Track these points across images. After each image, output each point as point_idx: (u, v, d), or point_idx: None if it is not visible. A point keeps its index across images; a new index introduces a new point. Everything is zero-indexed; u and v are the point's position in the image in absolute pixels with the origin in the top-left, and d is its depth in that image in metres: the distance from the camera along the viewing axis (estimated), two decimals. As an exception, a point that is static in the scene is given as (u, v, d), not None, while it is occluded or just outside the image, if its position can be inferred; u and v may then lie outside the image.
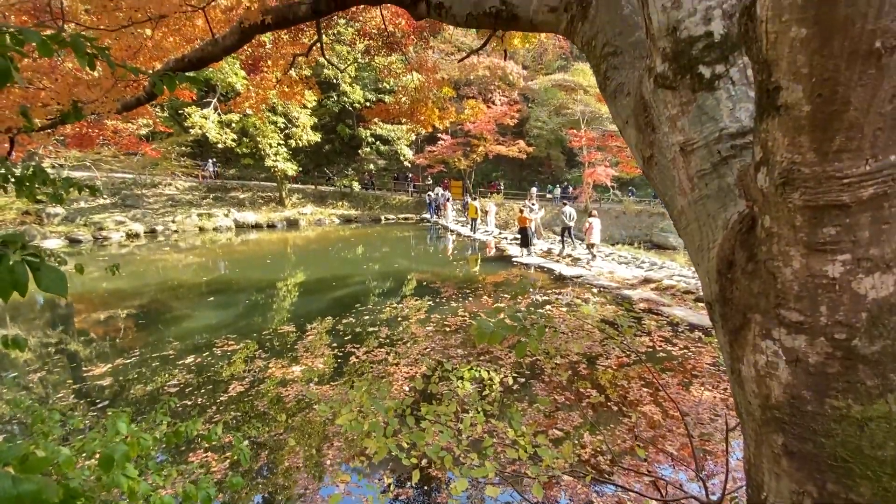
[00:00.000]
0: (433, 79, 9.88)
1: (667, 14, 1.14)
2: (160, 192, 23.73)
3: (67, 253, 16.75)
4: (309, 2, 2.70)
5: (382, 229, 23.71)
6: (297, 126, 22.77)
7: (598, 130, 24.89)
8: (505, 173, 32.75)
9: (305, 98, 10.96)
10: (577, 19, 1.72)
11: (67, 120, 3.05)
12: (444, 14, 2.31)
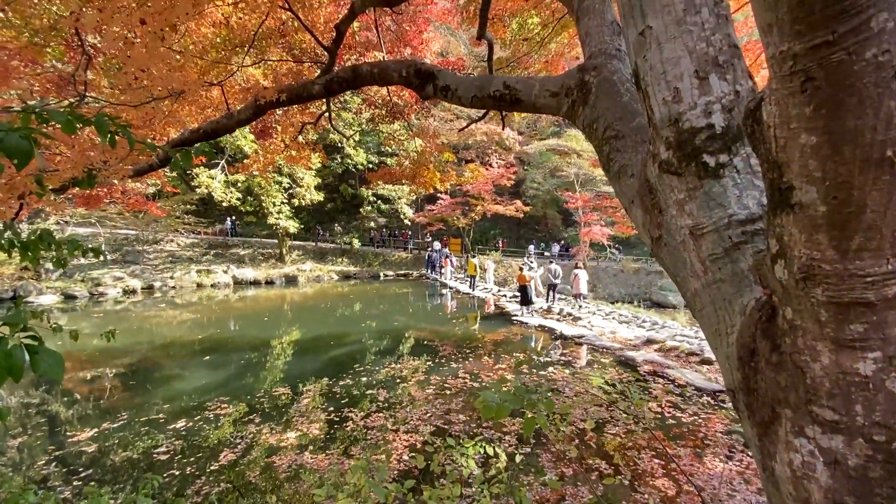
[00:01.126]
0: (434, 144, 10.33)
1: (668, 107, 1.20)
2: (161, 248, 23.91)
3: (62, 309, 16.56)
4: (322, 83, 2.87)
5: (381, 286, 23.63)
6: (301, 186, 23.45)
7: (592, 191, 25.68)
8: (503, 231, 33.29)
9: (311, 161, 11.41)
10: (577, 104, 1.82)
11: (80, 186, 3.14)
12: (450, 95, 2.45)
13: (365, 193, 29.21)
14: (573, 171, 25.75)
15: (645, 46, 1.24)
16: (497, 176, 25.46)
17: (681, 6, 1.17)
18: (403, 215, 28.93)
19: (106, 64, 4.41)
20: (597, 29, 1.91)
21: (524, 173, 31.19)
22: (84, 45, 5.64)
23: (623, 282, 25.36)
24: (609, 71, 1.73)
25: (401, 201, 28.86)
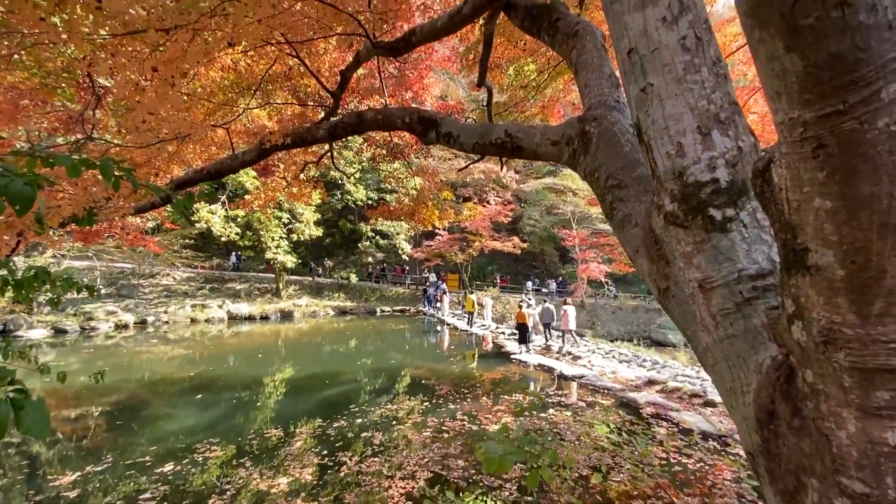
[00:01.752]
0: (433, 182, 10.50)
1: (672, 161, 1.22)
2: (157, 282, 23.71)
3: (51, 344, 16.18)
4: (327, 128, 2.94)
5: (377, 322, 23.33)
6: (300, 221, 23.61)
7: (588, 229, 25.94)
8: (500, 267, 33.30)
9: (312, 198, 11.56)
10: (578, 153, 1.85)
11: (80, 224, 3.13)
12: (452, 142, 2.51)
13: (363, 229, 29.39)
14: (569, 209, 26.12)
15: (647, 102, 1.27)
16: (494, 213, 25.75)
17: (681, 66, 1.21)
18: (402, 251, 29.00)
19: (115, 105, 4.52)
20: (595, 81, 1.98)
21: (521, 210, 31.58)
22: (94, 86, 5.81)
23: (622, 319, 25.16)
24: (609, 122, 1.77)
25: (399, 237, 29.01)
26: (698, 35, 1.22)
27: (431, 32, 2.72)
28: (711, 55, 1.22)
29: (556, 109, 11.04)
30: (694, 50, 1.21)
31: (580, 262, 24.08)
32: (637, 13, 1.28)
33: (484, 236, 26.04)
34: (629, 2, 1.30)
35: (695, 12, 1.23)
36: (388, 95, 8.73)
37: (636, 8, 1.28)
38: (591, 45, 2.13)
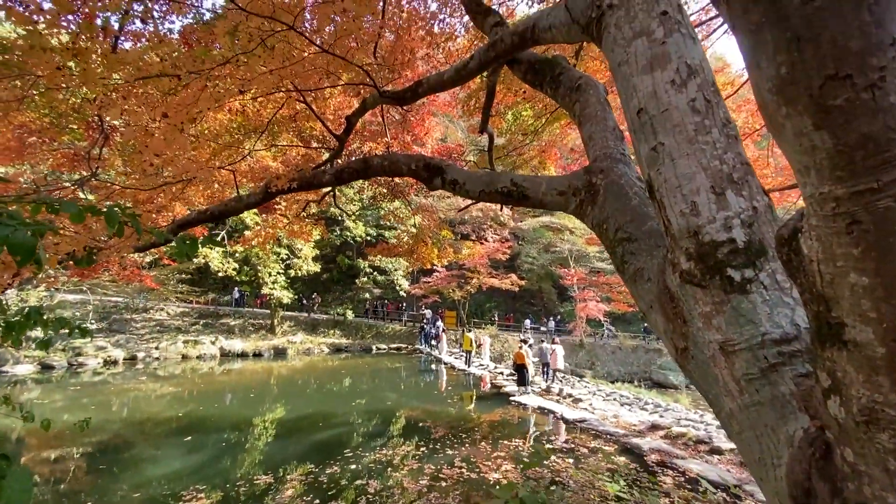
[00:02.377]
0: (432, 219, 10.58)
1: (686, 219, 1.21)
2: (150, 317, 23.34)
3: (37, 380, 15.69)
4: (333, 172, 2.98)
5: (373, 360, 22.85)
6: (298, 257, 23.58)
7: (586, 267, 26.00)
8: (498, 304, 33.06)
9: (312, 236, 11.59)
10: (586, 203, 1.85)
11: (79, 264, 3.09)
12: (458, 189, 2.53)
13: (361, 265, 29.35)
14: (566, 248, 26.27)
15: (658, 161, 1.28)
16: (492, 250, 25.84)
17: (692, 127, 1.23)
18: (399, 287, 28.86)
19: (122, 144, 4.60)
20: (600, 134, 2.02)
21: (519, 248, 31.73)
22: (103, 125, 5.92)
23: (622, 360, 24.76)
24: (616, 174, 1.79)
25: (397, 273, 28.93)
26: (707, 98, 1.24)
27: (438, 84, 2.81)
28: (721, 117, 1.24)
29: (554, 153, 11.33)
30: (704, 112, 1.23)
31: (578, 301, 23.96)
32: (646, 75, 1.31)
33: (482, 273, 26.00)
34: (637, 64, 1.34)
35: (703, 76, 1.26)
36: (391, 137, 8.94)
37: (644, 71, 1.32)
38: (595, 98, 2.19)
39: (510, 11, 7.74)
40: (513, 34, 2.17)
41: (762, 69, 0.68)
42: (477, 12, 3.27)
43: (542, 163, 10.98)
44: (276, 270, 23.09)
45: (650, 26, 1.33)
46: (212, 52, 4.07)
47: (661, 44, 1.30)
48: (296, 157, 6.82)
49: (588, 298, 23.59)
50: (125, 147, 4.56)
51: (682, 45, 1.29)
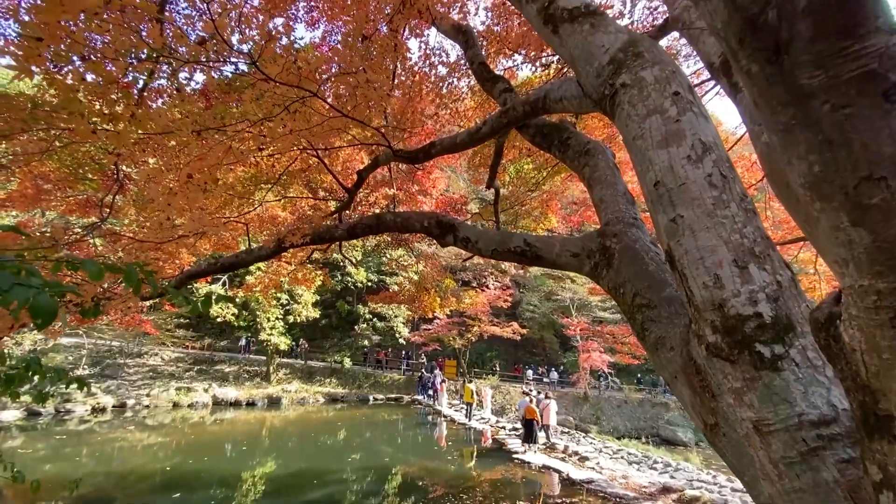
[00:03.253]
0: (435, 267, 10.61)
1: (710, 292, 1.21)
2: (144, 362, 22.81)
3: (22, 427, 15.09)
4: (345, 228, 3.03)
5: (370, 411, 22.08)
6: (298, 302, 23.40)
7: (588, 316, 25.72)
8: (500, 353, 32.38)
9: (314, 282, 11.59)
10: (601, 267, 1.86)
11: (86, 316, 3.06)
12: (469, 246, 2.56)
13: (361, 310, 29.03)
14: (568, 296, 26.13)
15: (678, 232, 1.30)
16: (494, 297, 25.65)
17: (710, 201, 1.26)
18: (399, 334, 28.38)
19: (138, 194, 4.70)
20: (611, 198, 2.07)
21: (520, 296, 31.54)
22: (118, 175, 6.08)
23: (628, 414, 23.89)
24: (630, 239, 1.81)
25: (397, 319, 28.56)
26: (723, 173, 1.29)
27: (451, 146, 2.93)
28: (738, 192, 1.27)
29: (555, 204, 11.57)
30: (721, 187, 1.27)
31: (581, 351, 23.49)
32: (661, 150, 1.37)
33: (483, 321, 25.68)
34: (652, 140, 1.40)
35: (717, 152, 1.31)
36: (397, 188, 9.16)
37: (660, 146, 1.37)
38: (604, 163, 2.26)
39: (512, 73, 8.17)
40: (524, 104, 2.29)
41: (794, 165, 0.70)
42: (486, 79, 3.46)
43: (543, 213, 11.17)
44: (274, 316, 22.82)
45: (663, 105, 1.40)
46: (231, 110, 4.26)
47: (675, 121, 1.36)
48: (304, 206, 6.95)
49: (591, 349, 23.14)
50: (140, 196, 4.68)
51: (695, 123, 1.35)
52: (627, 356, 22.61)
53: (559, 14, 1.76)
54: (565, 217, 19.70)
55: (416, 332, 28.74)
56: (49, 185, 6.48)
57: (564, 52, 1.77)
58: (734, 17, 0.66)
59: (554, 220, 11.72)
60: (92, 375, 20.61)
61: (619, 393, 25.45)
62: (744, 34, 0.66)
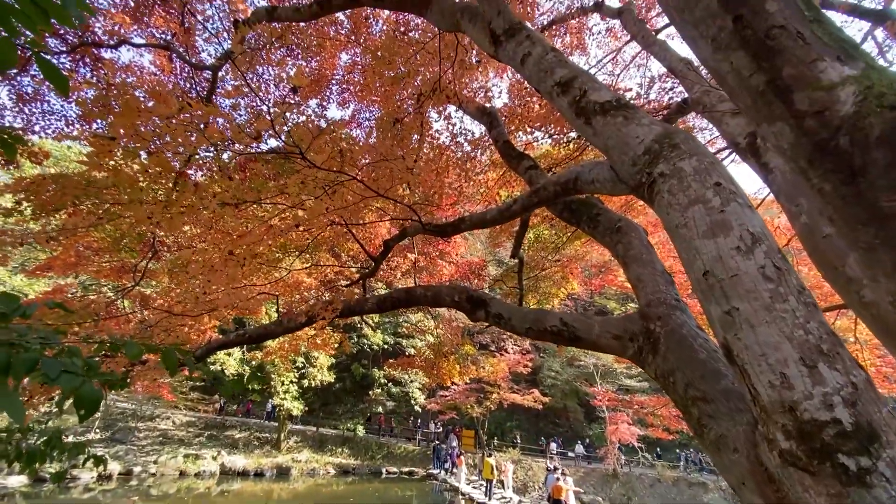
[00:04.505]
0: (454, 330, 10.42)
1: (777, 392, 1.13)
2: (155, 426, 22.34)
3: (26, 494, 14.63)
4: (375, 301, 3.05)
5: (382, 486, 20.79)
6: (314, 366, 23.05)
7: (613, 384, 24.51)
8: (520, 423, 30.70)
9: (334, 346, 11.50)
10: (645, 352, 1.79)
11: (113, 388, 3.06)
12: (502, 323, 2.53)
13: (376, 374, 28.33)
14: (591, 362, 25.12)
15: (735, 326, 1.25)
16: (513, 362, 24.78)
17: (766, 294, 1.22)
18: (414, 401, 27.40)
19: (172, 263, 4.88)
20: (650, 277, 2.04)
21: (541, 360, 30.46)
22: (154, 242, 6.35)
23: (662, 494, 21.86)
24: (675, 322, 1.76)
25: (412, 385, 27.72)
26: (777, 265, 1.26)
27: (480, 222, 3.00)
28: (794, 284, 1.24)
29: (575, 268, 11.50)
30: (776, 279, 1.23)
31: (609, 423, 22.10)
32: (708, 240, 1.36)
33: (502, 388, 24.64)
34: (697, 229, 1.39)
35: (768, 243, 1.29)
36: (418, 252, 9.28)
37: (706, 236, 1.37)
38: (638, 241, 2.26)
39: (531, 145, 8.52)
40: (555, 184, 2.35)
41: (880, 283, 0.68)
42: (511, 157, 3.60)
43: (564, 278, 11.08)
44: (289, 380, 22.42)
45: (706, 195, 1.41)
46: (268, 184, 4.50)
47: (719, 211, 1.37)
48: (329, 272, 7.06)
49: (619, 421, 21.77)
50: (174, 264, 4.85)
51: (741, 214, 1.35)
52: (659, 429, 21.11)
53: (591, 107, 1.86)
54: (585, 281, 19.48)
55: (432, 398, 27.69)
56: (89, 252, 6.80)
57: (598, 140, 1.84)
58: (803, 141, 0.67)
59: (575, 284, 11.58)
60: (102, 440, 20.23)
61: (651, 470, 23.50)
62: (814, 157, 0.67)
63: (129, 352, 1.74)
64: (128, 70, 7.70)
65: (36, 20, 1.29)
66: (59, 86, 1.41)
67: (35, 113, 7.53)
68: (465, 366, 10.03)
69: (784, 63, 0.93)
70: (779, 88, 0.94)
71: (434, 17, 2.94)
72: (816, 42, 0.91)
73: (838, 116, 0.79)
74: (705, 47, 1.16)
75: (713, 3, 1.07)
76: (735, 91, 1.14)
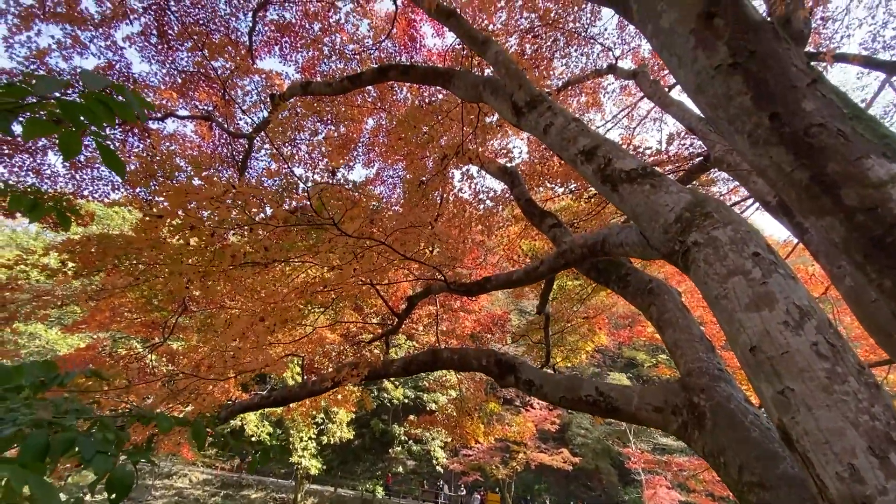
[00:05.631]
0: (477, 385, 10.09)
1: (847, 486, 1.04)
2: (171, 483, 21.85)
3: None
4: (401, 364, 3.01)
5: (403, 556, 19.37)
6: (333, 422, 22.49)
7: (649, 443, 22.92)
8: (549, 486, 28.69)
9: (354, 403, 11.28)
10: (690, 427, 1.68)
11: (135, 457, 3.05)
12: (533, 390, 2.44)
13: (396, 431, 27.34)
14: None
15: (792, 408, 1.17)
16: (539, 419, 23.61)
17: (822, 374, 1.15)
18: (436, 460, 26.12)
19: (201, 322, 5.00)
20: (687, 343, 1.95)
21: (569, 417, 28.92)
22: (185, 299, 6.52)
23: (712, 574, 19.60)
24: (721, 396, 1.66)
25: (434, 442, 26.55)
26: (830, 342, 1.19)
27: (506, 283, 2.99)
28: (852, 363, 1.16)
29: (602, 319, 11.18)
30: (832, 357, 1.16)
31: (646, 487, 20.46)
32: (752, 314, 1.30)
33: (529, 447, 23.34)
34: (739, 302, 1.34)
35: (818, 317, 1.23)
36: (440, 305, 9.23)
37: (749, 309, 1.32)
38: (672, 304, 2.19)
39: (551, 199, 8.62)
40: (582, 246, 2.35)
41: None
42: (534, 215, 3.64)
43: (591, 330, 10.75)
44: (308, 436, 21.83)
45: (744, 266, 1.38)
46: (297, 244, 4.64)
47: (761, 283, 1.32)
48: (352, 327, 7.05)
49: (657, 485, 20.15)
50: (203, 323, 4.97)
51: (784, 286, 1.30)
52: (703, 496, 19.36)
53: (617, 175, 1.88)
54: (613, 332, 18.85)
55: (454, 458, 26.38)
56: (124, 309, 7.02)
57: (625, 207, 1.85)
58: (855, 236, 0.66)
59: (603, 337, 11.21)
60: (118, 500, 19.76)
61: (698, 545, 21.28)
62: (870, 253, 0.65)
63: (160, 426, 1.74)
64: (172, 138, 8.32)
65: (103, 118, 1.42)
66: (116, 170, 1.52)
67: (85, 179, 8.12)
68: (489, 425, 9.60)
69: (827, 160, 0.93)
70: (824, 184, 0.94)
71: (457, 89, 3.11)
72: (859, 139, 0.91)
73: (892, 214, 0.77)
74: (741, 141, 1.18)
75: (747, 102, 1.10)
76: (777, 183, 1.14)
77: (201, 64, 7.16)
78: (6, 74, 7.02)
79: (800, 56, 1.15)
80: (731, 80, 1.20)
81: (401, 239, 2.93)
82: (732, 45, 1.21)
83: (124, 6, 7.08)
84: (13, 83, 1.32)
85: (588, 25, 6.60)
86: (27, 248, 22.42)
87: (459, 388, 10.16)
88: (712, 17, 1.25)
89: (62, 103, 1.36)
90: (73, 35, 7.05)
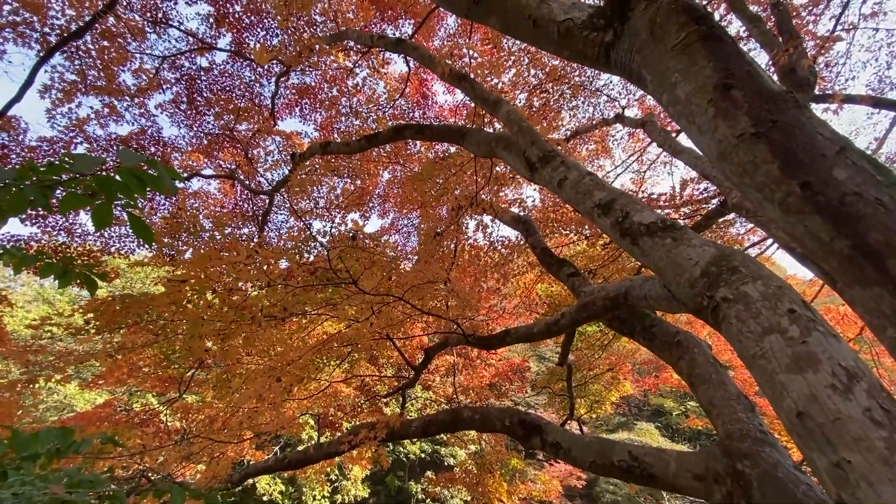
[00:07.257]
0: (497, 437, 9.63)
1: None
2: (178, 549, 20.80)
3: None
4: (421, 424, 2.90)
5: None
6: (347, 478, 21.53)
7: (684, 498, 21.22)
8: (578, 551, 26.50)
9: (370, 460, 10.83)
10: (737, 497, 1.55)
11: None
12: (561, 453, 2.30)
13: (413, 489, 25.99)
14: (655, 473, 22.19)
15: (850, 483, 1.07)
16: (564, 474, 22.23)
17: (881, 444, 1.06)
18: (456, 521, 24.54)
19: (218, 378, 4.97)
20: (723, 402, 1.84)
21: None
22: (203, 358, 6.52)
23: None
24: (767, 462, 1.53)
25: (453, 501, 25.08)
26: (884, 406, 1.11)
27: (527, 336, 2.93)
28: (912, 431, 1.07)
29: (626, 367, 10.77)
30: (888, 425, 1.08)
31: (685, 553, 18.74)
32: (795, 375, 1.23)
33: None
34: (779, 363, 1.27)
35: (867, 380, 1.16)
36: (456, 354, 9.03)
37: (791, 370, 1.24)
38: (703, 358, 2.10)
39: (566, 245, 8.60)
40: (604, 298, 2.30)
41: None
42: (550, 263, 3.61)
43: (615, 379, 10.33)
44: (321, 494, 20.85)
45: (780, 323, 1.32)
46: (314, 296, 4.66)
47: (801, 342, 1.26)
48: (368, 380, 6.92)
49: (697, 549, 18.43)
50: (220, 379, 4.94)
51: (826, 345, 1.23)
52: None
53: (636, 228, 1.87)
54: (637, 379, 18.07)
55: (475, 517, 24.75)
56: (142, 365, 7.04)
57: (647, 260, 1.82)
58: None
59: (628, 385, 10.74)
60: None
61: None
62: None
63: (174, 499, 1.68)
64: (196, 195, 8.68)
65: (135, 190, 1.48)
66: (145, 239, 1.57)
67: (112, 236, 8.43)
68: (512, 483, 9.05)
69: (868, 229, 0.91)
70: (868, 254, 0.91)
71: (470, 146, 3.21)
72: (898, 208, 0.90)
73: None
74: (771, 209, 1.17)
75: (774, 170, 1.10)
76: (815, 252, 1.11)
77: (227, 126, 7.58)
78: (47, 142, 7.52)
79: (824, 124, 1.16)
80: (756, 148, 1.20)
81: (417, 293, 2.92)
82: (753, 116, 1.22)
83: (159, 77, 7.65)
84: (53, 163, 1.40)
85: (594, 79, 6.87)
86: (52, 302, 22.99)
87: (479, 442, 9.70)
88: (729, 89, 1.28)
89: (98, 179, 1.43)
90: (109, 105, 7.59)
